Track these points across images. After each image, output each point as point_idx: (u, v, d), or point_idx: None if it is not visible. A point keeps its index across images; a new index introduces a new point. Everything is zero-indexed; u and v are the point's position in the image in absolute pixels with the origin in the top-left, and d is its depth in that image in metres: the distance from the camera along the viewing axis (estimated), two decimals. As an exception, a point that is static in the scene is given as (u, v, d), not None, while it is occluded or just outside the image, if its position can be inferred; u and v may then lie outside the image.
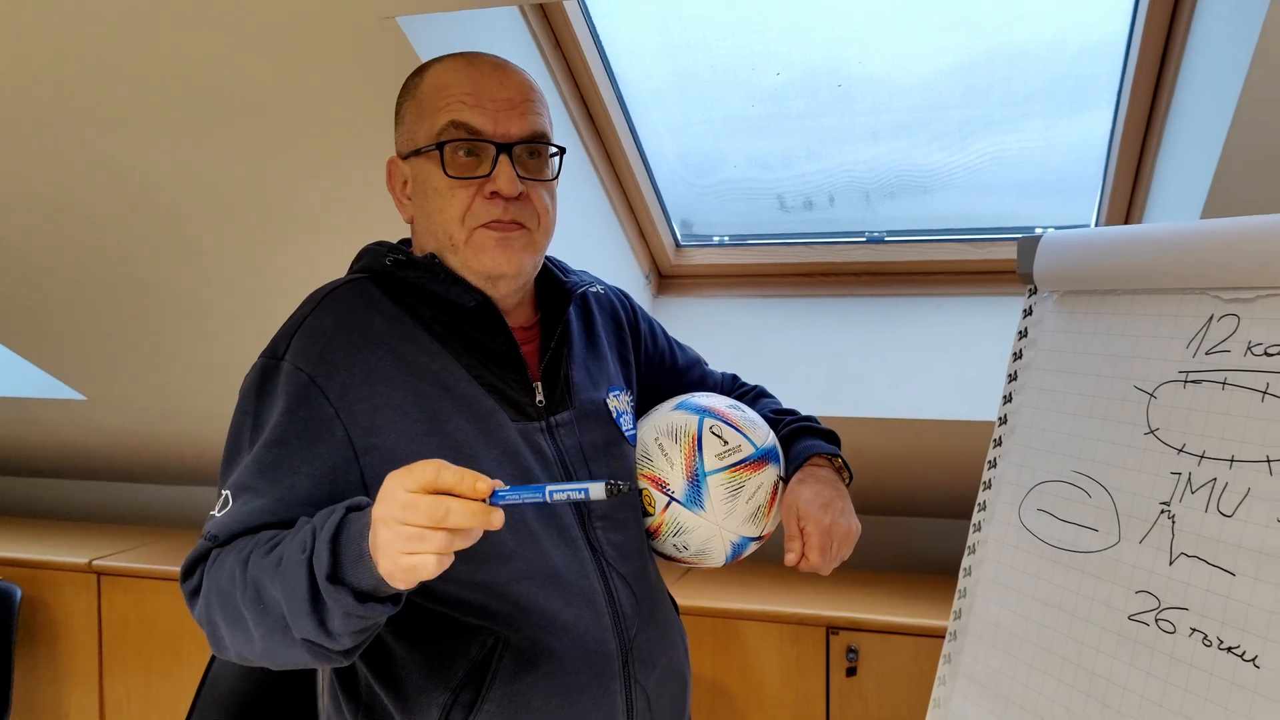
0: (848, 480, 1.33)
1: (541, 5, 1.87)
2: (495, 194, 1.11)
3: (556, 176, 1.19)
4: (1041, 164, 2.18)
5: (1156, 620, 1.09)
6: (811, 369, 2.39)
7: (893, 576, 2.54)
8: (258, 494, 1.06)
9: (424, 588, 1.08)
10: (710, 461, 1.24)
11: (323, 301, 1.15)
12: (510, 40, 1.84)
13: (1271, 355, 1.03)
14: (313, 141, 1.78)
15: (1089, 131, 2.07)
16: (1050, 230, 1.25)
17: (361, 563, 0.90)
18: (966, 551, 1.40)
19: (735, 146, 2.27)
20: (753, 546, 1.28)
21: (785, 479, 1.31)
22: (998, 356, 2.25)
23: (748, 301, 2.53)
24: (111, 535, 3.22)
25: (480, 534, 0.90)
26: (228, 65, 1.62)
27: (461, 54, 1.17)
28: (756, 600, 2.34)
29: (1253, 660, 0.98)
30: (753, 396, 1.49)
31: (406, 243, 1.25)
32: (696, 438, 1.25)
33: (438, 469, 0.87)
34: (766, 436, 1.31)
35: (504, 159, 1.11)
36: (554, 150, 1.18)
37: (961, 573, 1.40)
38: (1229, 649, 1.01)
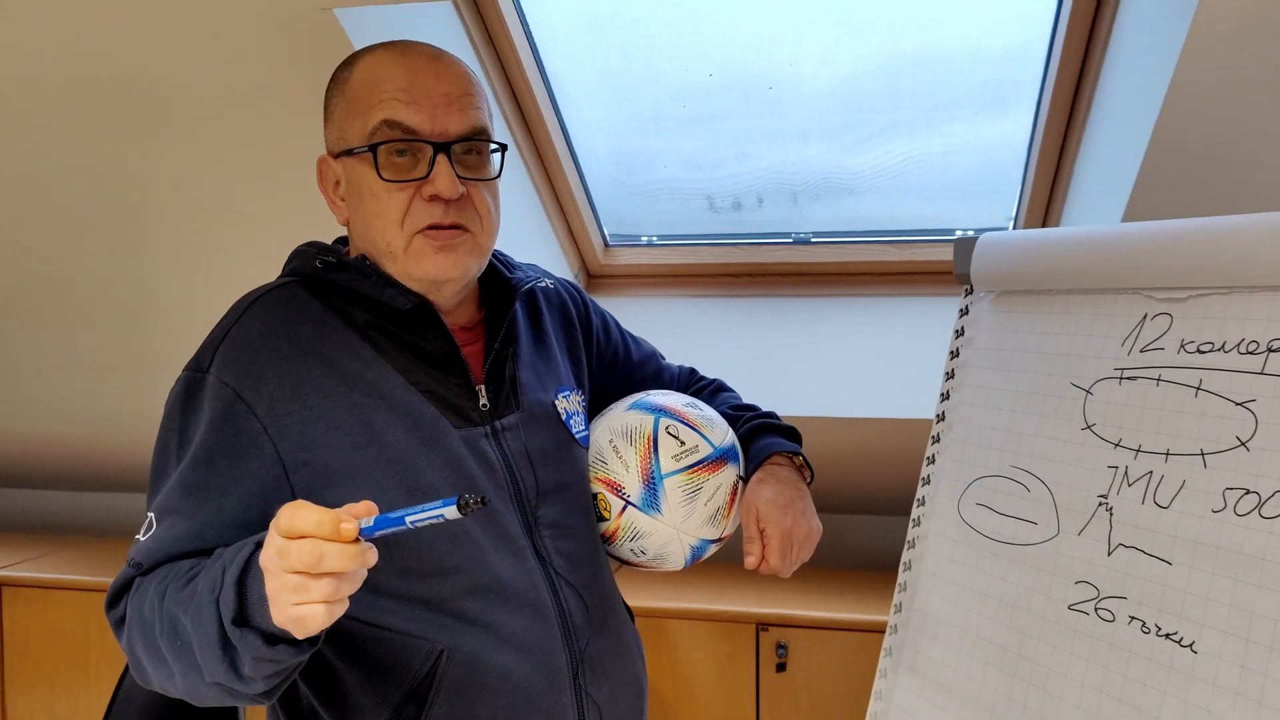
0: (809, 479, 1.31)
1: (476, 2, 1.85)
2: (434, 196, 1.05)
3: (499, 175, 1.12)
4: (963, 167, 2.23)
5: (1096, 609, 1.13)
6: (739, 368, 2.39)
7: (822, 573, 2.58)
8: (182, 517, 1.00)
9: (363, 605, 1.04)
10: (667, 463, 1.20)
11: (249, 309, 1.08)
12: (443, 34, 1.81)
13: (1204, 353, 1.07)
14: (244, 137, 1.73)
15: (1009, 136, 2.13)
16: (985, 232, 1.29)
17: (265, 604, 0.85)
18: (906, 546, 1.43)
19: (666, 146, 2.27)
20: (712, 549, 1.25)
21: (745, 478, 1.27)
22: (921, 355, 2.32)
23: (676, 301, 2.54)
24: (12, 544, 3.07)
25: (364, 574, 0.84)
26: (154, 57, 1.57)
27: (393, 44, 1.09)
28: (686, 599, 2.35)
29: (1189, 646, 1.02)
30: (711, 391, 1.46)
31: (342, 242, 1.20)
32: (652, 439, 1.22)
33: (292, 512, 0.81)
34: (725, 435, 1.28)
35: (442, 159, 1.04)
36: (494, 147, 1.11)
37: (901, 567, 1.43)
38: (1166, 635, 1.05)
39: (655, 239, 2.52)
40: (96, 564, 2.83)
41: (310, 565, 0.79)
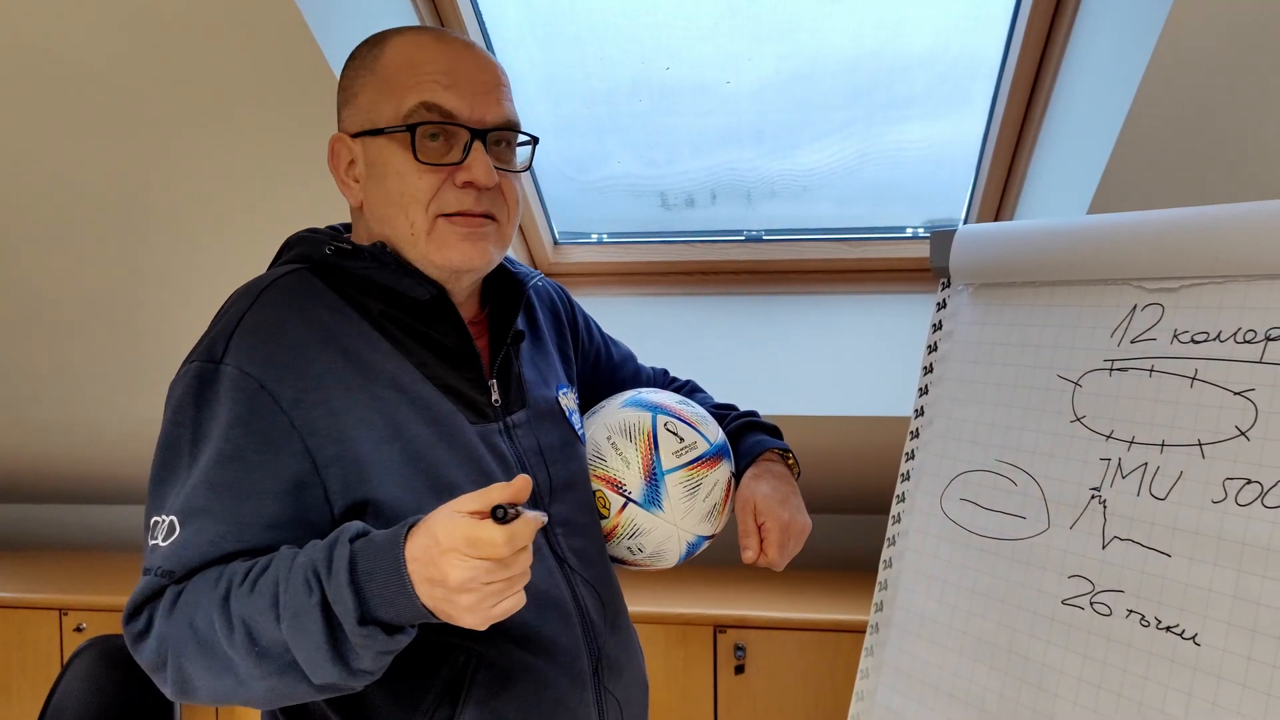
0: (797, 475, 1.30)
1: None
2: (468, 183, 1.01)
3: (528, 167, 1.10)
4: (915, 165, 2.23)
5: (1091, 603, 1.12)
6: (691, 367, 2.36)
7: (778, 574, 2.56)
8: (214, 518, 0.93)
9: None
10: (668, 459, 1.19)
11: (262, 295, 1.01)
12: (394, 21, 1.74)
13: (1198, 342, 1.07)
14: (212, 131, 1.64)
15: (961, 134, 2.14)
16: (940, 228, 1.28)
17: (400, 599, 0.85)
18: (886, 544, 1.41)
19: (619, 142, 2.23)
20: (705, 545, 1.24)
21: (736, 475, 1.27)
22: (872, 352, 2.32)
23: (627, 300, 2.50)
24: (-81, 560, 2.90)
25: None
26: (116, 50, 1.48)
27: (427, 29, 1.06)
28: (643, 601, 2.31)
29: (1192, 638, 1.01)
30: (687, 391, 1.45)
31: (336, 229, 1.14)
32: (652, 435, 1.20)
33: (476, 534, 0.82)
34: (717, 432, 1.27)
35: (478, 146, 1.01)
36: (524, 139, 1.09)
37: (881, 565, 1.40)
38: (1168, 628, 1.04)
39: (605, 237, 2.48)
40: (15, 580, 2.69)
41: (518, 572, 0.84)
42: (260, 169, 1.74)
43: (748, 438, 1.31)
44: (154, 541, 0.95)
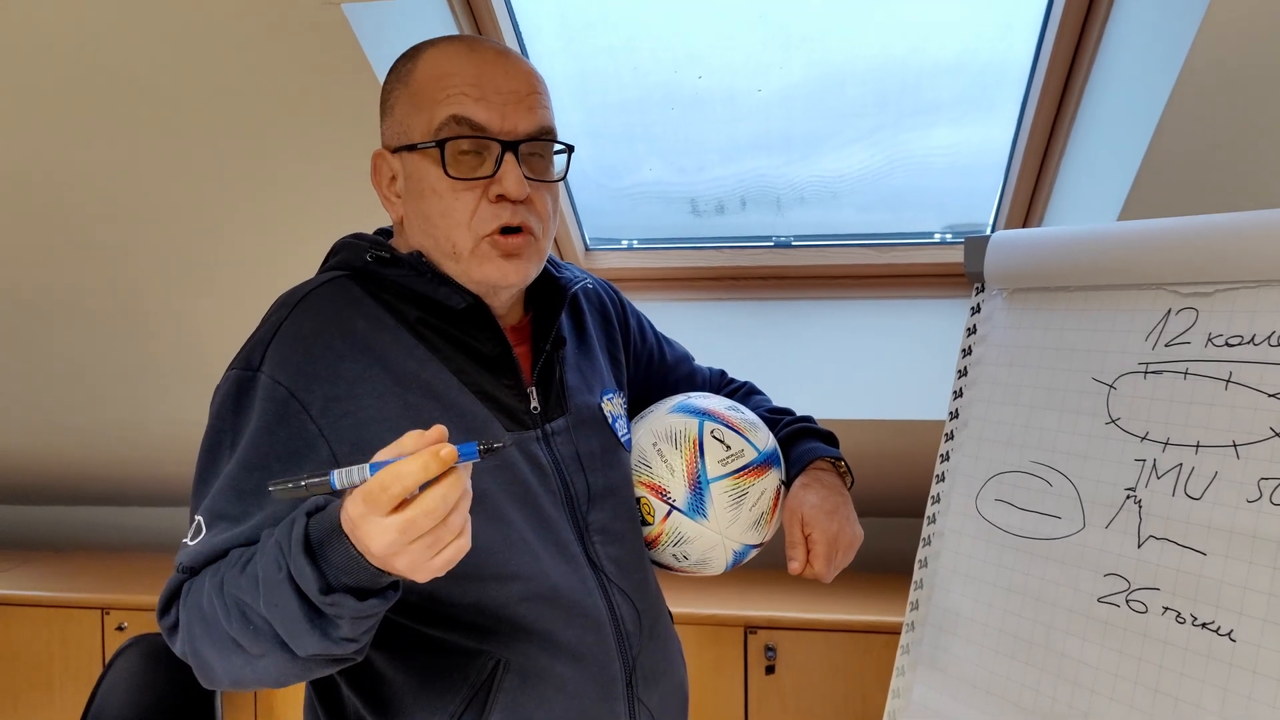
0: (849, 484, 1.30)
1: (470, 2, 1.83)
2: (501, 197, 1.01)
3: (564, 177, 1.10)
4: (943, 171, 2.26)
5: (1127, 601, 1.14)
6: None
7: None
8: (234, 522, 0.97)
9: (417, 610, 1.02)
10: (713, 468, 1.18)
11: (300, 304, 1.04)
12: (434, 29, 1.79)
13: (1232, 346, 1.09)
14: (248, 136, 1.69)
15: (989, 141, 2.17)
16: (971, 234, 1.31)
17: (354, 567, 0.83)
18: (921, 544, 1.43)
19: (651, 150, 2.27)
20: (753, 554, 1.23)
21: (786, 483, 1.26)
22: (902, 356, 2.35)
23: (658, 305, 2.53)
24: (-37, 561, 2.96)
25: (468, 482, 0.81)
26: (156, 56, 1.52)
27: (459, 38, 1.06)
28: (674, 602, 2.31)
29: (1228, 634, 1.04)
30: (744, 394, 1.44)
31: (381, 233, 1.15)
32: (698, 442, 1.19)
33: (390, 482, 0.77)
34: (767, 439, 1.26)
35: (509, 158, 1.01)
36: (559, 147, 1.08)
37: (917, 565, 1.43)
38: (1204, 625, 1.06)
39: (636, 243, 2.51)
40: (58, 580, 2.74)
41: (436, 520, 0.78)
42: (299, 177, 1.79)
43: (800, 445, 1.30)
44: (185, 540, 0.99)
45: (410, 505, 0.77)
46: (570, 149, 1.09)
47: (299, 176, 1.76)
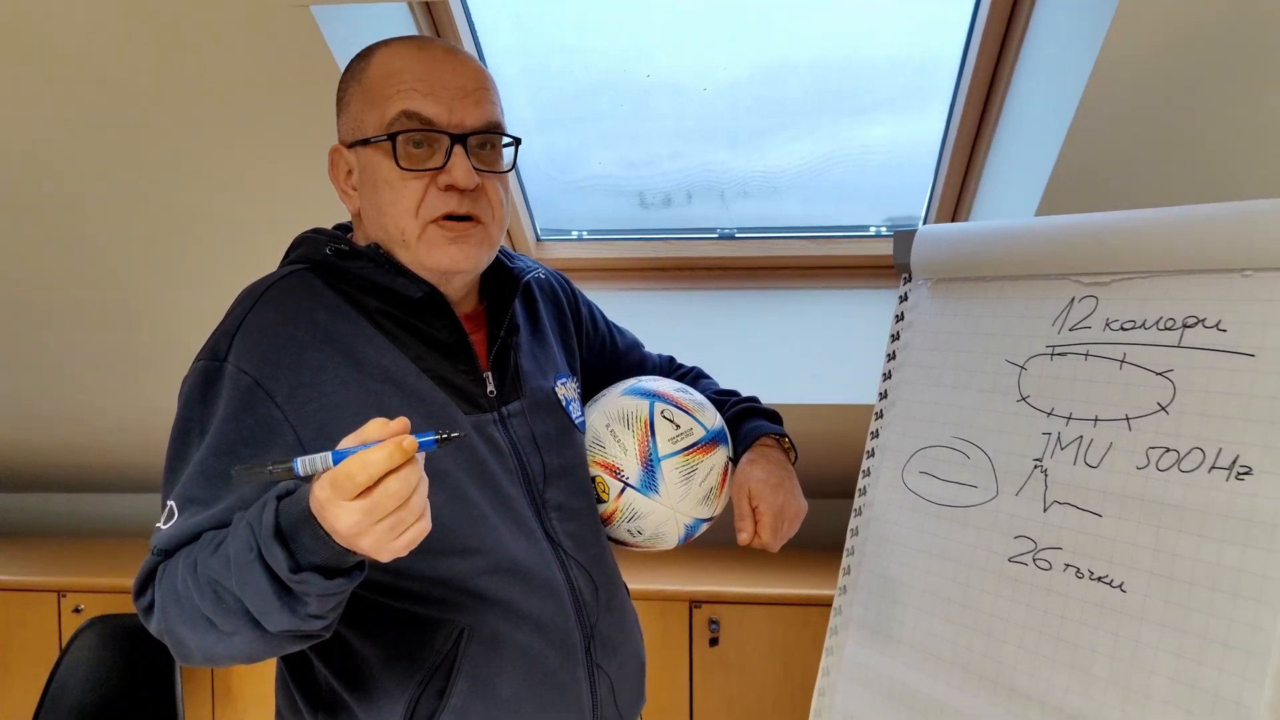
0: (794, 460, 1.37)
1: (429, 4, 1.90)
2: (450, 186, 1.07)
3: (512, 168, 1.16)
4: (879, 167, 2.39)
5: (1034, 560, 1.27)
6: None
7: (750, 552, 2.70)
8: (204, 506, 1.02)
9: (386, 586, 1.08)
10: (664, 446, 1.25)
11: (263, 296, 1.09)
12: (395, 29, 1.86)
13: (1127, 330, 1.22)
14: (219, 133, 1.74)
15: (922, 138, 2.29)
16: (905, 227, 1.43)
17: (322, 549, 0.88)
18: (853, 514, 1.55)
19: (601, 144, 2.36)
20: (704, 527, 1.32)
21: (734, 460, 1.33)
22: (837, 344, 2.47)
23: (607, 294, 2.62)
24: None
25: (421, 466, 0.86)
26: (126, 52, 1.57)
27: (410, 38, 1.12)
28: (625, 579, 2.44)
29: (1119, 586, 1.17)
30: (692, 378, 1.53)
31: (341, 228, 1.22)
32: (649, 422, 1.26)
33: (356, 470, 0.82)
34: (715, 419, 1.33)
35: (459, 150, 1.07)
36: (508, 140, 1.14)
37: (849, 533, 1.55)
38: (1099, 579, 1.19)
39: (585, 234, 2.60)
40: (14, 564, 2.77)
41: (399, 503, 0.83)
42: (269, 171, 1.85)
43: (746, 423, 1.38)
44: (158, 524, 1.04)
45: (374, 490, 0.82)
46: (517, 141, 1.15)
47: (268, 171, 1.83)
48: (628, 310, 2.63)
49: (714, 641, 2.40)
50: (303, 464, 0.86)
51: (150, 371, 2.48)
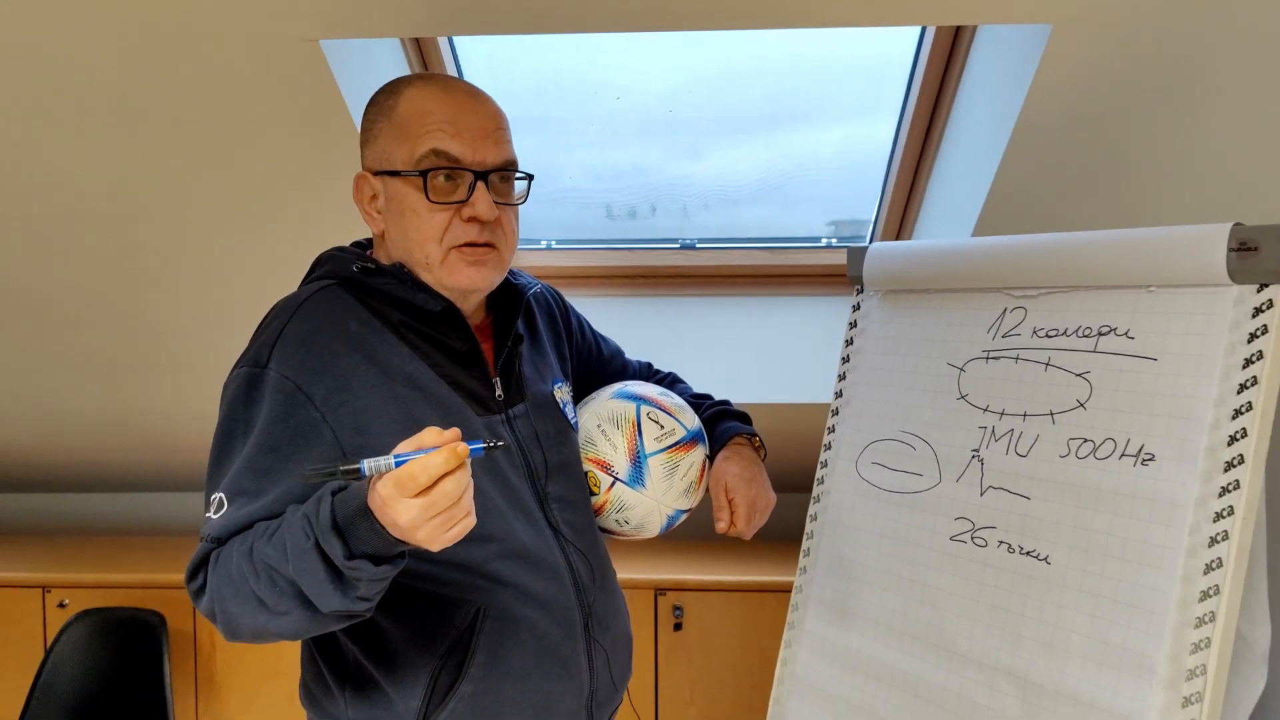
0: (763, 457, 1.52)
1: (418, 41, 2.04)
2: (473, 218, 1.18)
3: (524, 200, 1.28)
4: (831, 182, 2.57)
5: (972, 538, 1.45)
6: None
7: (713, 543, 2.87)
8: (253, 497, 1.12)
9: (411, 571, 1.19)
10: (650, 444, 1.39)
11: (300, 309, 1.20)
12: (393, 63, 1.99)
13: (1051, 337, 1.40)
14: (228, 159, 1.85)
15: (871, 155, 2.48)
16: (856, 242, 1.59)
17: (375, 539, 0.99)
18: (812, 501, 1.72)
19: (571, 159, 2.51)
20: (683, 518, 1.46)
21: (711, 457, 1.47)
22: (791, 348, 2.64)
23: (574, 301, 2.74)
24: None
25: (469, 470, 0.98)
26: (143, 79, 1.68)
27: (434, 77, 1.23)
28: (591, 570, 2.59)
29: (1045, 559, 1.35)
30: (669, 382, 1.68)
31: (359, 245, 1.34)
32: (636, 423, 1.40)
33: (418, 473, 0.93)
34: (694, 420, 1.46)
35: (481, 186, 1.18)
36: (521, 175, 1.26)
37: (809, 519, 1.72)
38: (1028, 553, 1.37)
39: (554, 243, 2.75)
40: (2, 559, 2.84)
41: (452, 501, 0.95)
42: (264, 183, 1.97)
43: (721, 424, 1.53)
44: (208, 515, 1.14)
45: (431, 490, 0.94)
46: (530, 177, 1.28)
47: (271, 190, 1.94)
48: (594, 316, 2.76)
49: (678, 626, 2.55)
50: (369, 466, 0.98)
51: (125, 373, 2.57)
